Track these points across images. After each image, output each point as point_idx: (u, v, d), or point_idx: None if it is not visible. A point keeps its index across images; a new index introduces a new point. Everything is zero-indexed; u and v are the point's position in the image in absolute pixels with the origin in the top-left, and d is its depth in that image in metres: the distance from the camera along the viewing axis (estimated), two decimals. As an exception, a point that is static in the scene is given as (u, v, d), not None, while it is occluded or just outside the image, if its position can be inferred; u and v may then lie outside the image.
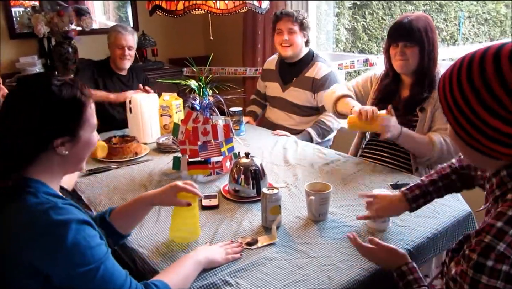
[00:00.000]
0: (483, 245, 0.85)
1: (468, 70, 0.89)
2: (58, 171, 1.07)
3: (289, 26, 2.54)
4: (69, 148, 1.04)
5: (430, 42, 1.85)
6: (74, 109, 1.03)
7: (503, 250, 0.82)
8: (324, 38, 3.73)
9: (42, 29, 3.37)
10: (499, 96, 0.84)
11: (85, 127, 1.06)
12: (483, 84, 0.86)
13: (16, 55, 3.64)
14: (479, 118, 0.88)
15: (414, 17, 1.85)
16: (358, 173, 1.87)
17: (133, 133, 2.33)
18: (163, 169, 1.99)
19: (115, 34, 2.82)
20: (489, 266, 0.83)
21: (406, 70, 1.92)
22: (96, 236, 1.01)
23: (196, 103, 1.84)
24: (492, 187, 0.97)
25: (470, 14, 3.10)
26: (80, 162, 1.12)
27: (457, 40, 3.16)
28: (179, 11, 2.06)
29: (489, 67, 0.86)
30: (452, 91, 0.92)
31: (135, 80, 2.97)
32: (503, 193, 0.93)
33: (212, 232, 1.42)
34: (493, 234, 0.84)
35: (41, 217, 0.94)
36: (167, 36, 4.36)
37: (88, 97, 1.07)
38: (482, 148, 0.91)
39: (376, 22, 3.57)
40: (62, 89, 1.01)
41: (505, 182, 0.93)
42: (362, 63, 3.07)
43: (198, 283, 1.16)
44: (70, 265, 0.93)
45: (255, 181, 1.62)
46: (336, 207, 1.56)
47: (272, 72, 2.78)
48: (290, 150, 2.20)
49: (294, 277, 1.18)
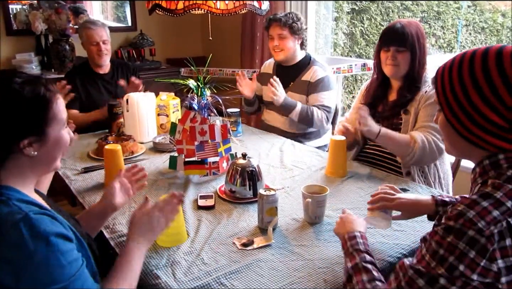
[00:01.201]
0: (455, 212, 0.90)
1: (470, 61, 0.95)
2: (30, 174, 1.02)
3: (278, 32, 2.53)
4: (37, 148, 0.99)
5: (421, 48, 1.88)
6: (38, 107, 0.98)
7: (471, 216, 0.87)
8: (322, 43, 3.74)
9: (40, 27, 3.36)
10: (496, 87, 0.90)
11: (52, 125, 1.00)
12: (483, 74, 0.92)
13: (13, 52, 3.63)
14: (477, 110, 0.93)
15: (406, 23, 1.88)
16: (355, 176, 1.87)
17: (129, 132, 2.32)
18: (159, 168, 1.98)
19: (85, 31, 2.70)
20: (456, 228, 0.88)
21: (396, 75, 1.94)
22: (71, 250, 0.95)
23: (194, 103, 1.84)
24: (475, 176, 1.01)
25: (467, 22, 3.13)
26: (52, 161, 1.06)
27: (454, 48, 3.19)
28: (179, 10, 2.05)
29: (491, 61, 0.92)
30: (451, 82, 0.97)
31: (119, 76, 2.85)
32: (484, 181, 0.96)
33: (207, 232, 1.41)
34: (466, 204, 0.90)
35: (11, 230, 0.88)
36: (165, 36, 4.36)
37: (55, 93, 1.01)
38: (475, 139, 0.96)
39: (374, 27, 3.59)
40: (24, 87, 0.96)
41: (486, 171, 0.97)
42: (360, 68, 3.08)
43: (192, 284, 1.15)
44: (35, 283, 0.88)
45: (251, 182, 1.62)
46: (333, 210, 1.55)
47: (270, 76, 2.76)
48: (287, 152, 2.19)
49: (290, 279, 1.17)
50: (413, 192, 1.70)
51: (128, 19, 4.21)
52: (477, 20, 3.04)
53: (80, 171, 1.94)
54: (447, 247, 0.88)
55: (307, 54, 2.66)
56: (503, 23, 2.94)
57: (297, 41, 2.57)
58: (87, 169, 1.94)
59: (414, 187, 1.76)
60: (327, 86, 2.53)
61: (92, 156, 2.12)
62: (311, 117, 2.50)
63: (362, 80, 3.77)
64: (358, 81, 3.85)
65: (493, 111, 0.92)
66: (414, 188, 1.75)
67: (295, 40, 2.55)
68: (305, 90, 2.57)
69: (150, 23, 4.14)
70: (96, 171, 1.94)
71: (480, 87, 0.92)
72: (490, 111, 0.92)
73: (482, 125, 0.94)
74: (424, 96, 1.89)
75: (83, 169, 1.94)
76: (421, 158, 1.84)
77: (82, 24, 2.79)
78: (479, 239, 0.85)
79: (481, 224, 0.86)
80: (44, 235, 0.89)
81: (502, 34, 2.94)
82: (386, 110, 1.99)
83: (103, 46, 2.70)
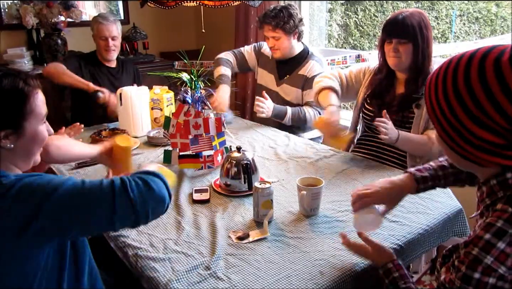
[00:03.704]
0: (471, 258, 0.85)
1: (454, 76, 0.88)
2: (11, 167, 1.04)
3: (271, 34, 2.49)
4: (13, 141, 1.00)
5: (424, 39, 1.84)
6: (15, 100, 0.99)
7: (490, 263, 0.83)
8: (316, 34, 3.72)
9: (31, 21, 3.31)
10: (483, 105, 0.83)
11: (29, 119, 1.02)
12: (467, 92, 0.85)
13: (4, 47, 3.58)
14: (464, 126, 0.87)
15: (408, 14, 1.84)
16: (350, 168, 1.87)
17: (123, 127, 2.30)
18: (154, 162, 1.97)
19: (96, 25, 2.72)
20: (476, 278, 0.84)
21: (400, 67, 1.92)
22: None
23: (187, 96, 1.82)
24: (482, 195, 0.96)
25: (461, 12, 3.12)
26: (29, 156, 1.08)
27: (449, 38, 3.18)
28: (171, 3, 2.04)
29: (474, 75, 0.84)
30: (437, 97, 0.91)
31: (124, 73, 2.91)
32: (493, 202, 0.92)
33: (203, 226, 1.41)
34: (480, 247, 0.84)
35: (15, 185, 0.93)
36: (158, 30, 4.32)
37: (34, 87, 1.03)
38: (468, 155, 0.90)
39: (368, 18, 3.57)
40: (2, 80, 0.98)
41: (495, 191, 0.92)
42: (355, 59, 3.07)
43: (189, 279, 1.15)
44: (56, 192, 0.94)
45: (246, 175, 1.61)
46: (328, 202, 1.55)
47: (269, 61, 2.71)
48: (282, 145, 2.19)
49: (286, 272, 1.17)
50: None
51: (120, 12, 4.17)
52: (471, 10, 3.03)
53: (74, 166, 1.92)
54: None
55: (305, 48, 2.62)
56: (497, 13, 2.93)
57: (292, 38, 2.52)
58: (81, 164, 1.93)
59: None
60: None
61: (86, 150, 2.09)
62: (303, 118, 2.49)
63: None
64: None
65: (482, 128, 0.85)
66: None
67: (290, 38, 2.51)
68: (301, 85, 2.55)
69: (142, 16, 4.10)
70: (90, 167, 1.92)
71: (464, 103, 0.85)
72: (479, 129, 0.85)
73: (476, 144, 0.87)
74: None
75: (77, 164, 1.93)
76: (440, 155, 1.84)
77: (94, 18, 2.82)
78: (503, 286, 0.82)
79: (501, 270, 0.82)
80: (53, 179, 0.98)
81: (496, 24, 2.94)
82: (394, 103, 1.97)
83: (111, 42, 2.73)
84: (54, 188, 0.94)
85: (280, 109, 2.45)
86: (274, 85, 2.68)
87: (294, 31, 2.49)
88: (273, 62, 2.69)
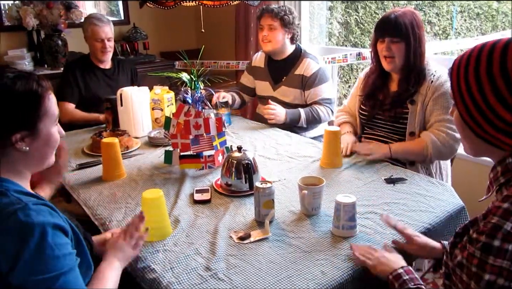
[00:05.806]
0: (490, 226, 0.85)
1: (488, 57, 0.90)
2: (23, 170, 1.04)
3: (269, 22, 2.49)
4: (29, 143, 1.01)
5: (417, 38, 1.85)
6: (31, 101, 1.00)
7: (510, 229, 0.83)
8: (317, 32, 3.71)
9: (31, 22, 3.32)
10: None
11: (44, 120, 1.03)
12: (500, 74, 0.88)
13: (4, 48, 3.58)
14: (490, 107, 0.89)
15: (400, 13, 1.85)
16: (352, 167, 1.86)
17: (124, 127, 2.30)
18: (154, 162, 1.97)
19: (91, 27, 2.67)
20: (496, 246, 0.84)
21: (394, 68, 1.93)
22: (66, 244, 0.96)
23: (188, 96, 1.82)
24: (496, 175, 0.97)
25: (462, 8, 3.10)
26: (43, 159, 1.08)
27: (450, 35, 3.16)
28: (170, 3, 2.03)
29: (510, 58, 0.87)
30: (466, 76, 0.93)
31: (120, 73, 2.86)
32: (508, 180, 0.93)
33: (204, 226, 1.40)
34: (499, 214, 0.85)
35: (9, 218, 0.91)
36: (159, 30, 4.32)
37: (46, 88, 1.03)
38: (489, 137, 0.93)
39: (369, 16, 3.56)
40: (15, 82, 0.98)
41: (510, 169, 0.94)
42: (355, 57, 3.06)
43: (190, 281, 1.15)
44: (28, 270, 0.89)
45: (247, 175, 1.61)
46: (330, 201, 1.54)
47: (261, 70, 2.73)
48: (283, 143, 2.18)
49: (288, 272, 1.16)
50: (411, 181, 1.70)
51: (120, 12, 4.17)
52: (472, 6, 3.02)
53: (75, 167, 1.92)
54: (491, 270, 0.84)
55: (297, 47, 2.62)
56: (498, 8, 2.91)
57: (287, 35, 2.52)
58: (82, 165, 1.93)
59: (411, 176, 1.75)
60: (322, 79, 2.50)
61: (87, 152, 2.10)
62: (318, 117, 2.51)
63: (358, 70, 3.75)
64: (354, 70, 3.83)
65: (508, 110, 0.87)
66: (411, 177, 1.74)
67: (285, 34, 2.51)
68: (300, 85, 2.54)
69: (143, 16, 4.10)
70: (91, 167, 1.92)
71: (495, 83, 0.88)
72: (505, 110, 0.88)
73: (498, 126, 0.90)
74: (430, 86, 1.87)
75: (78, 166, 1.93)
76: (439, 156, 1.88)
77: (87, 19, 2.76)
78: None
79: None
80: (40, 224, 0.91)
81: (498, 20, 2.92)
82: (387, 101, 1.98)
83: (107, 43, 2.70)
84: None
85: (293, 112, 2.46)
86: (270, 91, 2.68)
87: (290, 28, 2.51)
88: (265, 69, 2.70)
